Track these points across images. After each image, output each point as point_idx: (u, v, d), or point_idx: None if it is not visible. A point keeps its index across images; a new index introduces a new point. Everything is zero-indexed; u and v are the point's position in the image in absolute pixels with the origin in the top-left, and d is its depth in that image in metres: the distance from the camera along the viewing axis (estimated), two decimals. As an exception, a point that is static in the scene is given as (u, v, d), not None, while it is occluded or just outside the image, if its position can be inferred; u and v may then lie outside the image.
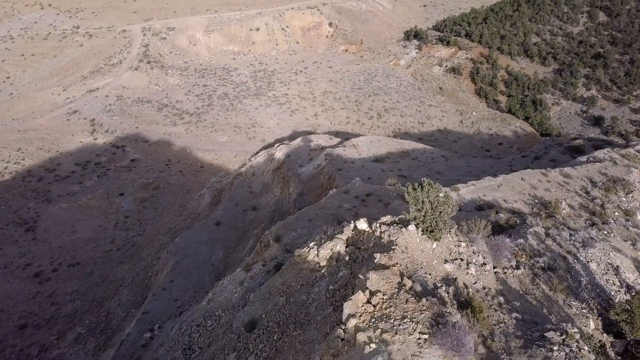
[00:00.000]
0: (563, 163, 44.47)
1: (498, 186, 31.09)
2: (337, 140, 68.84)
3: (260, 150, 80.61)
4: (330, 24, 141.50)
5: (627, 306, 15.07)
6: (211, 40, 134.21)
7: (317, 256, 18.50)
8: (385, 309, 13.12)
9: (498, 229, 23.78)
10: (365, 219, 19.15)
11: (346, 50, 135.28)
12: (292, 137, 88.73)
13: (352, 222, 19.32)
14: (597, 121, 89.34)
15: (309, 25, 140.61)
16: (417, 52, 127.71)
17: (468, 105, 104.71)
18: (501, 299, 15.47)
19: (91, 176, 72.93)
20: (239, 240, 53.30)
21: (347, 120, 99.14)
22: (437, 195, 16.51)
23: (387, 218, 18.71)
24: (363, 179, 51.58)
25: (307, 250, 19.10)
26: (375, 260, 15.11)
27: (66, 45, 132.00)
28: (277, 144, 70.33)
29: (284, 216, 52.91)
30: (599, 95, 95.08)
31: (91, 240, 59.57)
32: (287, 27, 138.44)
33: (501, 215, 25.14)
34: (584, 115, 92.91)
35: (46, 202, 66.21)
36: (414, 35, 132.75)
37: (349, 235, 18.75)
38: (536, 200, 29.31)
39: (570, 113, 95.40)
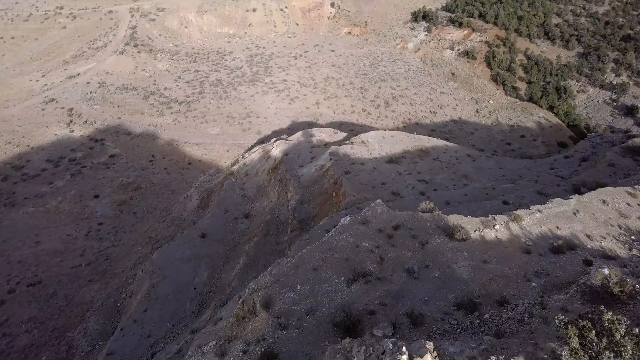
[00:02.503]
0: (629, 170, 35.95)
1: (573, 213, 22.55)
2: (342, 134, 60.07)
3: (256, 144, 71.91)
4: (332, 4, 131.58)
5: None
6: (204, 21, 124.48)
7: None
8: None
9: (607, 298, 15.29)
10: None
11: (349, 33, 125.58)
12: (291, 128, 80.00)
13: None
14: (630, 111, 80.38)
15: (309, 6, 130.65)
16: (426, 35, 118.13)
17: (484, 93, 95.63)
18: None
19: (64, 175, 64.33)
20: (228, 256, 44.91)
21: (351, 110, 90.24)
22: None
23: None
24: (375, 184, 43.18)
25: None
26: None
27: (48, 28, 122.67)
28: (274, 139, 61.61)
29: (281, 229, 44.55)
30: (630, 82, 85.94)
31: (57, 252, 51.17)
32: (286, 7, 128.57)
33: (605, 272, 16.46)
34: (614, 104, 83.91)
35: (9, 206, 57.74)
36: (422, 16, 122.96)
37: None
38: (632, 237, 20.82)
39: (598, 101, 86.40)
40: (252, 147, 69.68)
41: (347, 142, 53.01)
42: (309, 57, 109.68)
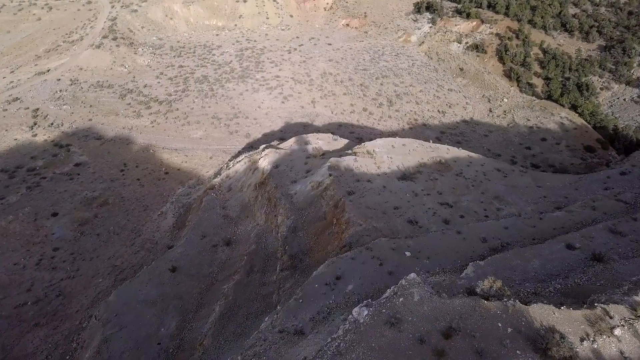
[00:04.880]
0: None
1: None
2: (343, 141, 51.20)
3: (244, 150, 63.10)
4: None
5: None
6: (191, 13, 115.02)
7: None
8: None
9: None
10: None
11: (347, 25, 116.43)
12: (283, 130, 71.19)
13: None
14: (663, 110, 72.04)
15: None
16: (430, 27, 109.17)
17: (497, 90, 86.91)
18: None
19: (18, 188, 55.28)
20: (203, 298, 36.15)
21: (351, 109, 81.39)
22: None
23: None
24: (386, 209, 34.46)
25: None
26: None
27: (22, 19, 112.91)
28: (263, 147, 52.72)
29: (269, 264, 35.77)
30: (660, 78, 77.55)
31: (0, 287, 42.32)
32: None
33: None
34: (644, 102, 75.46)
35: (-52, 228, 48.74)
36: (426, 6, 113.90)
37: None
38: None
39: (624, 99, 77.84)
40: (239, 153, 60.84)
41: (350, 152, 44.22)
42: (304, 51, 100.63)
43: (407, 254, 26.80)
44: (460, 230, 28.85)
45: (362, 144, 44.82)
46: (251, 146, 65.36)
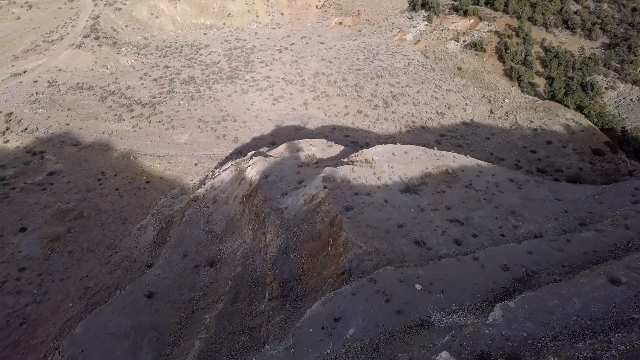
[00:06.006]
0: None
1: None
2: (338, 148, 47.03)
3: (232, 156, 58.86)
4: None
5: None
6: (178, 11, 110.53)
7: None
8: None
9: None
10: None
11: (340, 23, 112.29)
12: (274, 134, 67.02)
13: None
14: (673, 111, 68.66)
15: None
16: (426, 25, 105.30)
17: (497, 91, 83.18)
18: None
19: (-15, 200, 50.78)
20: (182, 329, 31.88)
21: (345, 111, 77.34)
22: None
23: None
24: (390, 227, 30.43)
25: None
26: None
27: (0, 19, 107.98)
28: (251, 154, 48.44)
29: (256, 291, 31.60)
30: (668, 77, 74.14)
31: (-44, 314, 37.86)
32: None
33: None
34: (652, 102, 72.05)
35: None
36: (421, 4, 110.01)
37: None
38: None
39: (631, 99, 74.33)
40: (226, 160, 56.58)
41: (346, 160, 40.12)
42: (296, 50, 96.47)
43: (418, 287, 22.79)
44: (477, 256, 24.84)
45: (360, 151, 40.69)
46: (239, 151, 61.15)
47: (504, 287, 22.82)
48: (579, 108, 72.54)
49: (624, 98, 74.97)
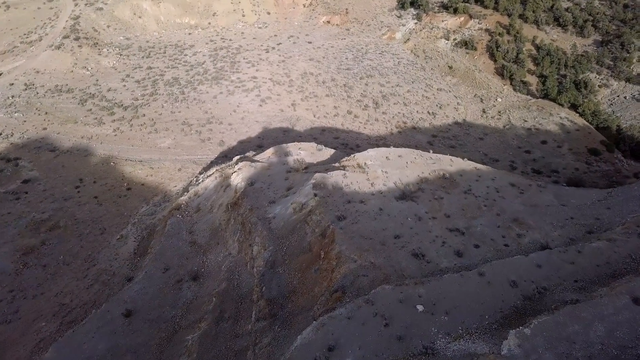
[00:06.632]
0: None
1: None
2: (329, 152, 44.71)
3: (216, 161, 56.43)
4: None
5: None
6: (161, 10, 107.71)
7: None
8: None
9: None
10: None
11: (328, 22, 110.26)
12: (261, 137, 64.66)
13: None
14: (668, 108, 67.41)
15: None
16: (415, 23, 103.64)
17: (489, 90, 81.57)
18: None
19: (-46, 211, 47.79)
20: (163, 351, 29.42)
21: (335, 112, 75.21)
22: None
23: None
24: (385, 239, 28.33)
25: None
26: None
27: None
28: (237, 158, 46.04)
29: (242, 309, 29.23)
30: (662, 74, 73.01)
31: None
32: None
33: None
34: (646, 100, 70.77)
35: None
36: (410, 2, 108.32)
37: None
38: None
39: (625, 97, 73.04)
40: (211, 165, 54.08)
41: (337, 165, 37.89)
42: (283, 50, 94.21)
43: (420, 308, 20.63)
44: (483, 271, 22.75)
45: (352, 155, 38.45)
46: (225, 155, 58.72)
47: (514, 307, 20.74)
48: (573, 107, 71.12)
49: (618, 96, 73.69)
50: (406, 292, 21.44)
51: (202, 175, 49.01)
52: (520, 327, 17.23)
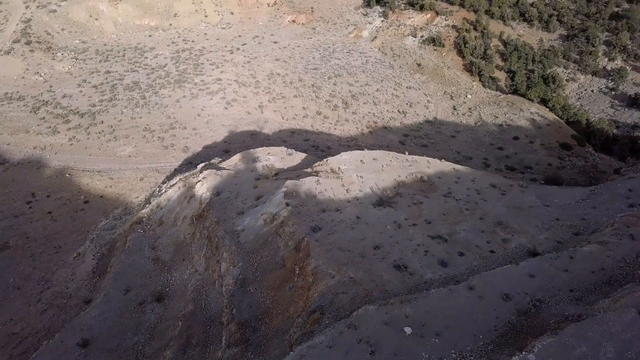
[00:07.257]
0: None
1: None
2: (299, 156, 42.42)
3: (180, 169, 53.39)
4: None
5: None
6: (119, 12, 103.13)
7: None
8: None
9: None
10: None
11: (294, 21, 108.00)
12: (228, 141, 61.91)
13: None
14: (634, 101, 67.78)
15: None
16: (382, 21, 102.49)
17: (459, 86, 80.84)
18: None
19: None
20: (124, 385, 26.64)
21: (303, 113, 73.01)
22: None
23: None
24: (365, 250, 26.28)
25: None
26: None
27: None
28: (201, 166, 43.28)
29: (211, 334, 26.60)
30: (627, 67, 73.48)
31: None
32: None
33: None
34: (613, 93, 71.14)
35: None
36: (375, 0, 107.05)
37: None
38: None
39: (592, 91, 73.39)
40: (175, 173, 51.05)
41: (310, 170, 35.65)
42: (248, 50, 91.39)
43: (407, 330, 18.62)
44: (472, 285, 20.90)
45: (325, 159, 36.28)
46: (190, 162, 55.75)
47: (509, 323, 18.96)
48: (543, 101, 70.98)
49: (585, 90, 73.98)
50: (392, 313, 19.40)
51: (165, 185, 45.98)
52: (524, 353, 15.38)
